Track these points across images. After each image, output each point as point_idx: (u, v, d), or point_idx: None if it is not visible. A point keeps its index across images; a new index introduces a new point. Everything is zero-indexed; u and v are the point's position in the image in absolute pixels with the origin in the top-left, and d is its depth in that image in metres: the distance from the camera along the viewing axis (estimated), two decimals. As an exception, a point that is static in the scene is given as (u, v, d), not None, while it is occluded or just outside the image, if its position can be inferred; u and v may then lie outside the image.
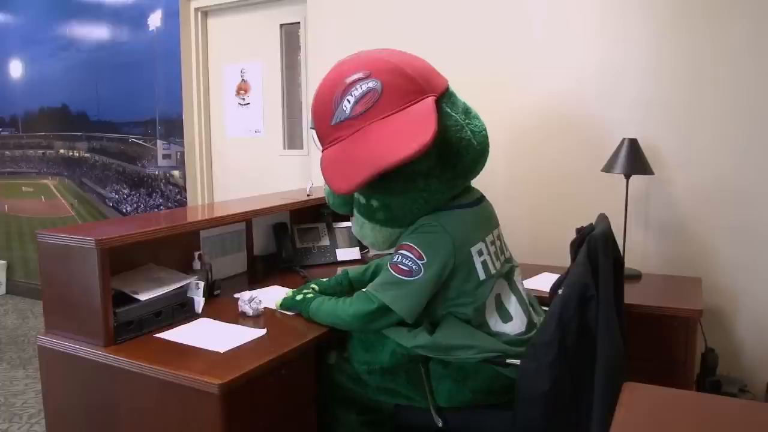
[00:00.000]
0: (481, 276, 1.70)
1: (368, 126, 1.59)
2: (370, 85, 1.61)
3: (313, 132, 1.77)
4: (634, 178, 2.39)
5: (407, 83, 1.62)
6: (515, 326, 1.74)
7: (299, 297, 1.91)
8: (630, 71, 2.56)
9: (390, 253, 1.77)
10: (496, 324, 1.73)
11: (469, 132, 1.69)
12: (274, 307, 1.97)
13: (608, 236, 1.64)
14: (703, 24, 2.41)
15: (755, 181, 2.38)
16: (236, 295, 2.03)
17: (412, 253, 1.65)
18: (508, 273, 1.80)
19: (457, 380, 1.68)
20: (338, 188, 1.59)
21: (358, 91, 1.62)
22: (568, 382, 1.58)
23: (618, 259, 1.71)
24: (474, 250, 1.69)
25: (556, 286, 1.76)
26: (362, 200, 1.75)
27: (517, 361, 1.64)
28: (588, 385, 1.54)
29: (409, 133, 1.51)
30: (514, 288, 1.80)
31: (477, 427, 1.74)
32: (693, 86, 2.45)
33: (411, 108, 1.59)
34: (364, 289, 1.76)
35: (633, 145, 2.35)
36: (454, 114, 1.68)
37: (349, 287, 2.09)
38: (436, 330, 1.70)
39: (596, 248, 1.57)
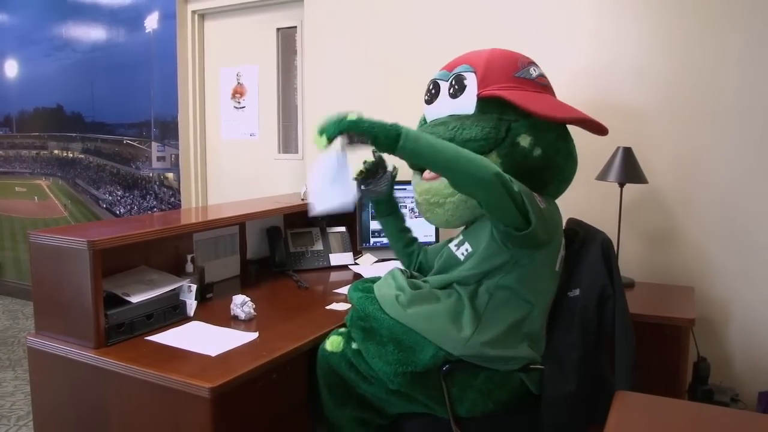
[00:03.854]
0: (557, 267, 1.72)
1: (549, 95, 1.84)
2: (543, 72, 1.88)
3: (471, 74, 1.79)
4: (628, 186, 2.39)
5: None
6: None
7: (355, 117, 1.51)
8: (625, 80, 2.57)
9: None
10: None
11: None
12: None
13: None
14: (697, 33, 2.42)
15: (749, 192, 2.39)
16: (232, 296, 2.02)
17: (536, 196, 1.63)
18: None
19: (483, 391, 1.64)
20: (555, 114, 1.73)
21: (539, 70, 1.86)
22: (590, 380, 1.63)
23: None
24: (562, 240, 1.74)
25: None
26: (525, 144, 1.72)
27: (541, 366, 1.66)
28: (608, 382, 1.65)
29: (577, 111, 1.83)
30: None
31: None
32: (687, 95, 2.46)
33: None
34: None
35: (627, 153, 2.36)
36: None
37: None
38: (484, 332, 1.62)
39: (609, 250, 1.69)
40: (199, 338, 1.76)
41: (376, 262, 2.71)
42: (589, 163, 2.56)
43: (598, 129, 1.88)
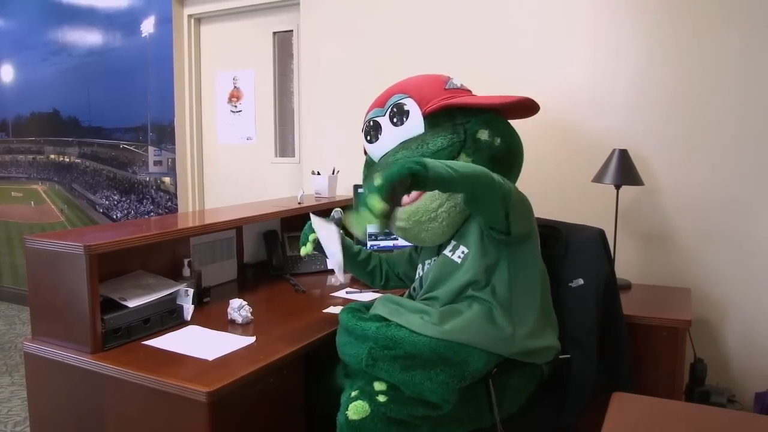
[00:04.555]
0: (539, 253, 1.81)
1: (477, 96, 1.92)
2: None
3: (408, 99, 1.87)
4: (624, 188, 2.40)
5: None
6: None
7: (387, 174, 1.36)
8: (621, 82, 2.58)
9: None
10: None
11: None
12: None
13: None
14: (693, 36, 2.43)
15: (744, 192, 2.39)
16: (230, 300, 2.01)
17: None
18: None
19: (518, 389, 1.68)
20: (493, 101, 1.82)
21: (460, 80, 1.98)
22: (604, 361, 1.80)
23: None
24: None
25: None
26: (486, 137, 1.81)
27: (568, 355, 1.75)
28: (618, 360, 1.87)
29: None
30: None
31: (523, 428, 1.75)
32: (683, 98, 2.47)
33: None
34: None
35: (623, 155, 2.36)
36: None
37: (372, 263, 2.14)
38: (521, 326, 1.65)
39: (606, 240, 1.89)
40: (196, 342, 1.76)
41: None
42: (585, 166, 2.57)
43: (532, 107, 1.92)
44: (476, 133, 1.80)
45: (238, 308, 1.94)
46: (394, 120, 1.87)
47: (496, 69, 2.81)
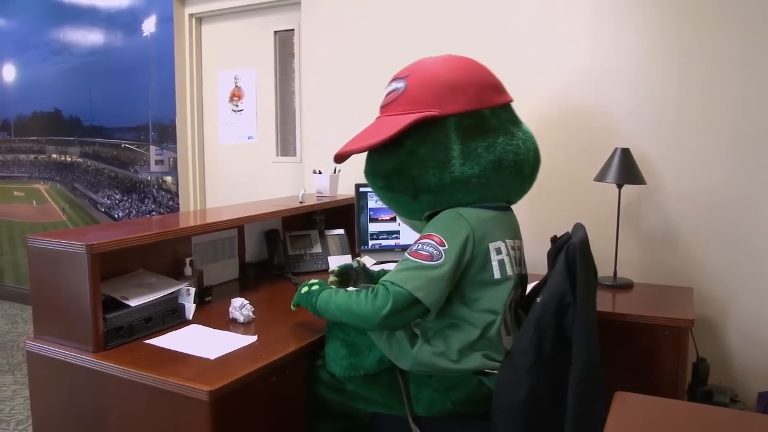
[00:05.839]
0: (496, 275, 1.63)
1: (379, 118, 1.83)
2: (398, 85, 1.80)
3: None
4: (626, 187, 2.39)
5: (424, 94, 1.74)
6: None
7: (304, 289, 1.79)
8: (622, 82, 2.57)
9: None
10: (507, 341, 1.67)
11: (455, 165, 1.67)
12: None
13: (585, 245, 1.62)
14: (694, 36, 2.43)
15: (746, 191, 2.39)
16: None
17: (433, 240, 1.59)
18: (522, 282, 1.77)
19: (439, 390, 1.63)
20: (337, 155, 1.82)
21: (390, 87, 1.84)
22: (544, 390, 1.54)
23: (592, 268, 1.68)
24: (492, 246, 1.63)
25: (532, 294, 1.77)
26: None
27: (495, 371, 1.60)
28: (564, 394, 1.52)
29: (374, 133, 1.76)
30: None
31: None
32: (684, 97, 2.46)
33: (403, 117, 1.72)
34: (380, 281, 1.60)
35: (625, 154, 2.36)
36: (445, 140, 1.70)
37: (362, 274, 2.10)
38: (433, 346, 1.62)
39: (574, 256, 1.56)
40: (197, 341, 1.76)
41: (374, 264, 2.71)
42: (587, 165, 2.56)
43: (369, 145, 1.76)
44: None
45: (240, 307, 1.94)
46: None
47: (498, 68, 2.80)
